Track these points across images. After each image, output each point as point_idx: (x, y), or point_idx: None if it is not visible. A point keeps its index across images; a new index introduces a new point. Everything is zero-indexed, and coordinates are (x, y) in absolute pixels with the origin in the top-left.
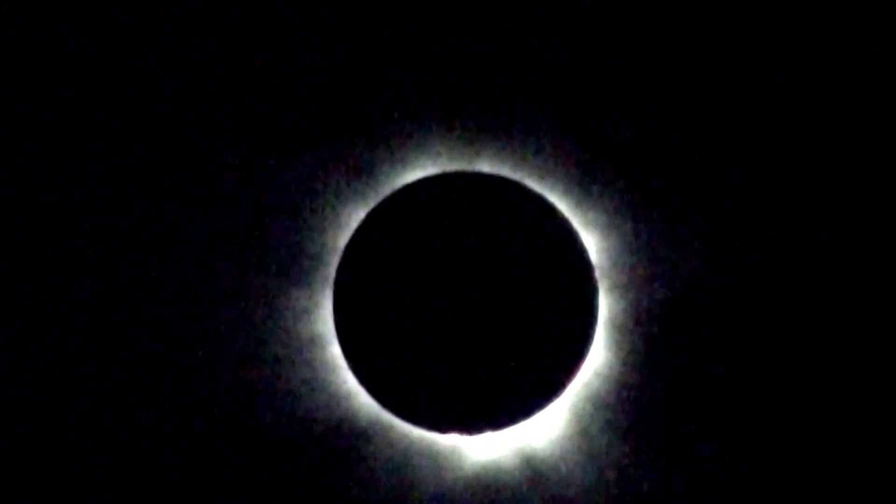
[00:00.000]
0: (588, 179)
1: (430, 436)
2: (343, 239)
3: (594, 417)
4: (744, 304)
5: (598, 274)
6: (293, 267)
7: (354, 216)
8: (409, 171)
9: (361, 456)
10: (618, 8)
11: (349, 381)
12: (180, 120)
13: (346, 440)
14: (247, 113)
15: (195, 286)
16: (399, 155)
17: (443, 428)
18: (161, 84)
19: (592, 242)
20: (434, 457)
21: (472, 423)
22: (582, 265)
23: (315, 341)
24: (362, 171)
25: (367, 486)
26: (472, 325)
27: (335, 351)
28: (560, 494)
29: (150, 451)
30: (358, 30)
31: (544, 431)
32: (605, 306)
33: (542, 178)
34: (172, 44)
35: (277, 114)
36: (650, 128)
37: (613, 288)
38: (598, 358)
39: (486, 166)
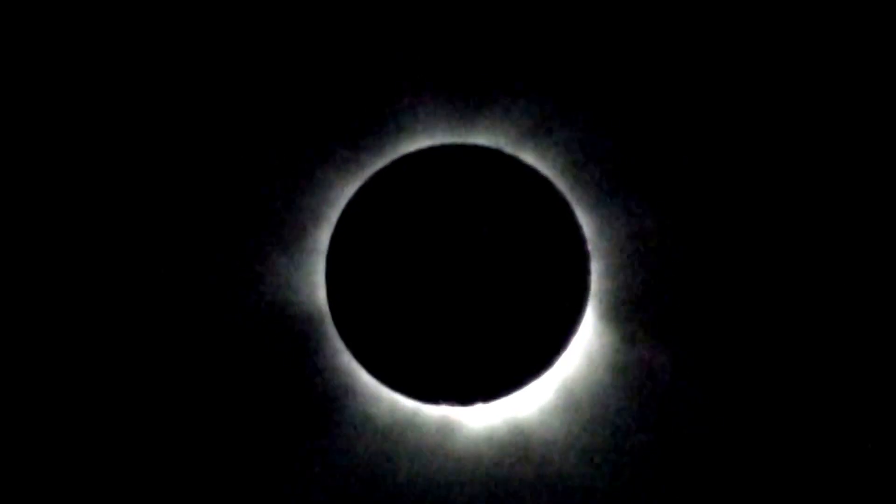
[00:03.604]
0: (585, 156)
1: (422, 407)
2: (336, 210)
3: (584, 389)
4: (735, 284)
5: (591, 249)
6: (285, 238)
7: (348, 188)
8: (404, 143)
9: (352, 425)
10: None
11: (341, 352)
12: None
13: (336, 410)
14: (239, 83)
15: (183, 258)
16: (395, 126)
17: (435, 399)
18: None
19: (587, 218)
20: (425, 428)
21: (463, 395)
22: (576, 240)
23: (307, 311)
24: (357, 143)
25: (355, 456)
26: (465, 298)
27: (327, 322)
28: (550, 464)
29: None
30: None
31: (535, 403)
32: (597, 281)
33: (538, 152)
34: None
35: (271, 83)
36: (651, 110)
37: (606, 263)
38: (589, 331)
39: (482, 139)
